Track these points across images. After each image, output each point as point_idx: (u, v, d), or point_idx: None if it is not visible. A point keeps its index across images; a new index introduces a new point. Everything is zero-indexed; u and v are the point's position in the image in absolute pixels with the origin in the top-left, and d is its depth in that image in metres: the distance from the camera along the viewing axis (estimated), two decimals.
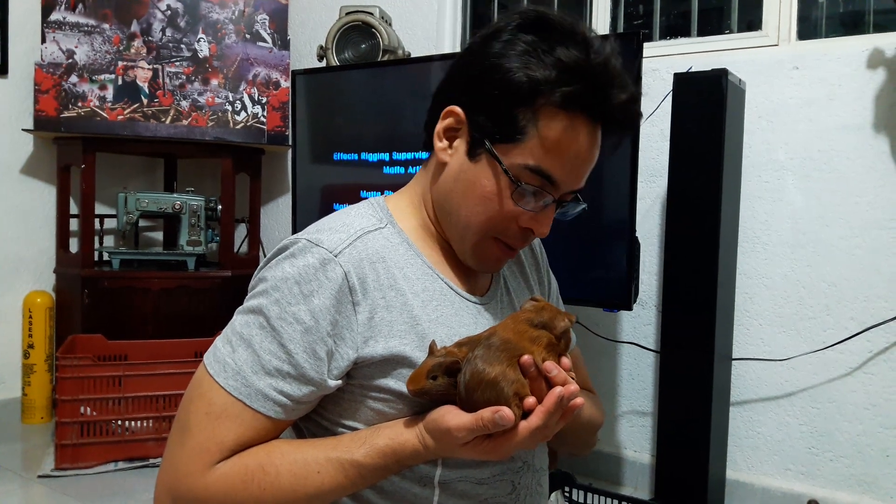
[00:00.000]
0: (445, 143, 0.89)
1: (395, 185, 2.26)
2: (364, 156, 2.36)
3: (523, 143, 0.82)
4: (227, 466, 0.78)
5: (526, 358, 0.77)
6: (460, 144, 0.87)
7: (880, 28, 2.08)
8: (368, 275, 0.82)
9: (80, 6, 2.63)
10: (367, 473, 0.80)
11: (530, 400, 0.76)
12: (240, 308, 0.84)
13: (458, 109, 0.86)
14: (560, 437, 0.85)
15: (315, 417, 0.87)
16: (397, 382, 0.82)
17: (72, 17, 2.63)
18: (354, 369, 0.82)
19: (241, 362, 0.79)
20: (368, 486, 0.82)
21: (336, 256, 0.81)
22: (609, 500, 2.01)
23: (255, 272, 0.86)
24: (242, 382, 0.78)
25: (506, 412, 0.73)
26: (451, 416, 0.77)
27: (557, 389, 0.76)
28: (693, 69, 1.93)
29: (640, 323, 2.28)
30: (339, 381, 0.81)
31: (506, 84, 0.81)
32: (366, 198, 0.97)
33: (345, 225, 0.86)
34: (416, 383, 0.79)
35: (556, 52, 0.81)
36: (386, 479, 0.83)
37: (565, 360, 0.81)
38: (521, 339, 0.80)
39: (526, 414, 0.76)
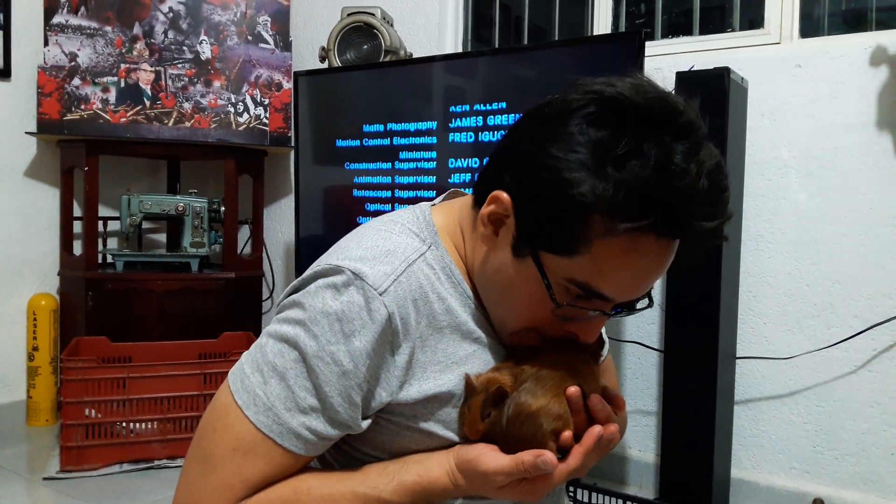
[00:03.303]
0: (490, 229, 0.78)
1: (400, 186, 2.28)
2: (367, 155, 2.37)
3: (574, 259, 0.72)
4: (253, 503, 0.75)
5: (573, 390, 0.75)
6: (505, 235, 0.77)
7: (883, 25, 2.08)
8: (411, 314, 0.77)
9: (83, 9, 2.64)
10: None
11: (566, 434, 0.74)
12: (271, 330, 0.78)
13: (505, 198, 0.75)
14: None
15: (338, 442, 0.83)
16: (428, 423, 0.79)
17: (74, 20, 2.63)
18: (385, 406, 0.79)
19: (273, 397, 0.74)
20: None
21: (381, 295, 0.75)
22: (614, 499, 2.01)
23: (287, 291, 0.81)
24: (274, 420, 0.74)
25: (549, 458, 0.71)
26: (489, 459, 0.74)
27: (597, 429, 0.74)
28: (695, 68, 1.93)
29: (644, 322, 2.28)
30: (369, 420, 0.78)
31: (560, 195, 0.69)
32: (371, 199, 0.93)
33: (388, 253, 0.79)
34: (474, 430, 0.77)
35: (627, 166, 0.67)
36: None
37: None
38: (572, 364, 0.78)
39: (562, 450, 0.75)
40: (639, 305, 0.82)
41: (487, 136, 2.12)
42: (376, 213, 2.35)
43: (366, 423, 0.78)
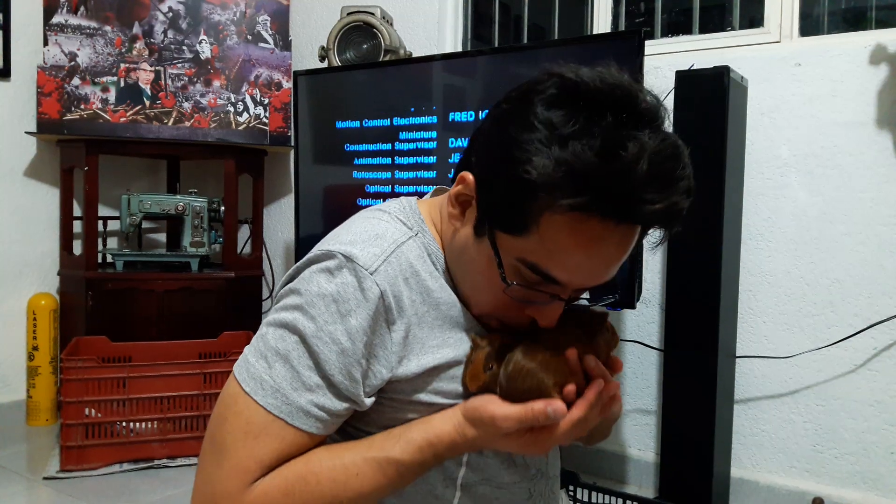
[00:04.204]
0: (458, 209, 0.82)
1: (400, 184, 2.28)
2: (367, 159, 2.37)
3: (525, 238, 0.73)
4: (267, 482, 0.76)
5: (571, 351, 0.76)
6: (470, 216, 0.80)
7: (883, 24, 2.08)
8: (403, 292, 0.80)
9: (82, 9, 2.64)
10: (404, 471, 0.78)
11: (570, 387, 0.75)
12: (270, 320, 0.81)
13: (470, 179, 0.79)
14: None
15: (344, 426, 0.85)
16: (428, 395, 0.81)
17: (74, 20, 2.63)
18: (386, 384, 0.80)
19: (279, 379, 0.76)
20: (407, 484, 0.81)
21: (372, 274, 0.78)
22: (614, 498, 2.01)
23: (282, 282, 0.84)
24: (283, 400, 0.76)
25: (559, 406, 0.73)
26: (496, 405, 0.75)
27: (598, 382, 0.76)
28: (695, 67, 1.93)
29: (644, 321, 2.28)
30: (373, 398, 0.80)
31: (510, 174, 0.71)
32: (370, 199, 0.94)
33: (377, 237, 0.82)
34: (476, 380, 0.79)
35: (570, 145, 0.68)
36: None
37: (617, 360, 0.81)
38: (567, 336, 0.79)
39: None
40: (598, 302, 0.83)
41: (489, 107, 2.11)
42: (377, 196, 2.36)
43: (370, 401, 0.79)
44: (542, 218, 0.71)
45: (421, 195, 0.97)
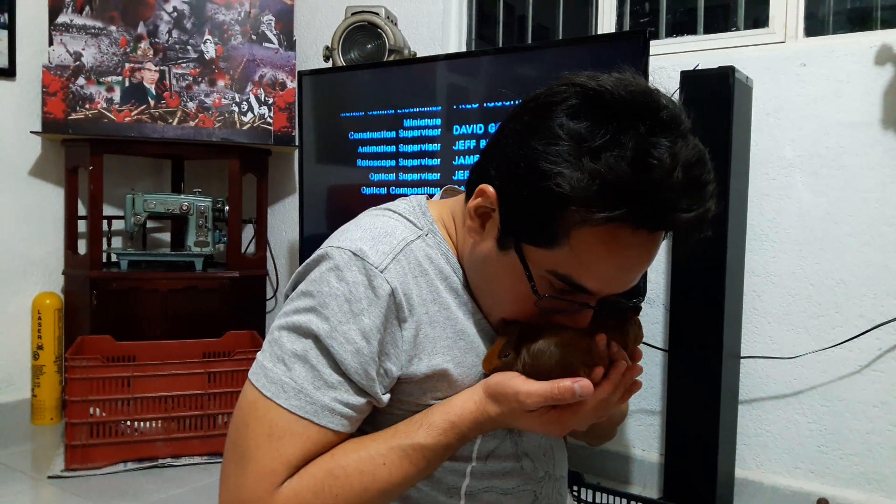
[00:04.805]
0: (477, 222, 0.80)
1: (404, 172, 2.28)
2: (372, 151, 2.37)
3: (555, 250, 0.73)
4: (295, 482, 0.75)
5: (601, 335, 0.76)
6: (491, 229, 0.79)
7: (888, 24, 2.08)
8: (413, 290, 0.79)
9: (87, 8, 2.64)
10: (430, 455, 0.78)
11: (599, 370, 0.75)
12: (282, 324, 0.80)
13: (490, 192, 0.77)
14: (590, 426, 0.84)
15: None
16: (436, 400, 0.81)
17: (79, 20, 2.64)
18: (395, 385, 0.80)
19: (300, 380, 0.76)
20: (434, 470, 0.80)
21: (382, 272, 0.77)
22: (618, 499, 2.01)
23: (292, 281, 0.83)
24: (307, 400, 0.75)
25: (586, 384, 0.72)
26: (520, 381, 0.75)
27: (622, 363, 0.76)
28: (700, 67, 1.93)
29: (648, 321, 2.27)
30: (388, 395, 0.80)
31: (538, 186, 0.70)
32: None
33: (386, 234, 0.81)
34: (489, 364, 0.80)
35: (602, 157, 0.67)
36: (413, 488, 0.82)
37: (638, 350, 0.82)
38: (596, 324, 0.80)
39: None
40: (625, 303, 0.83)
41: (493, 104, 2.11)
42: (381, 185, 2.36)
43: (386, 398, 0.79)
44: (574, 230, 0.70)
45: (428, 186, 0.97)
